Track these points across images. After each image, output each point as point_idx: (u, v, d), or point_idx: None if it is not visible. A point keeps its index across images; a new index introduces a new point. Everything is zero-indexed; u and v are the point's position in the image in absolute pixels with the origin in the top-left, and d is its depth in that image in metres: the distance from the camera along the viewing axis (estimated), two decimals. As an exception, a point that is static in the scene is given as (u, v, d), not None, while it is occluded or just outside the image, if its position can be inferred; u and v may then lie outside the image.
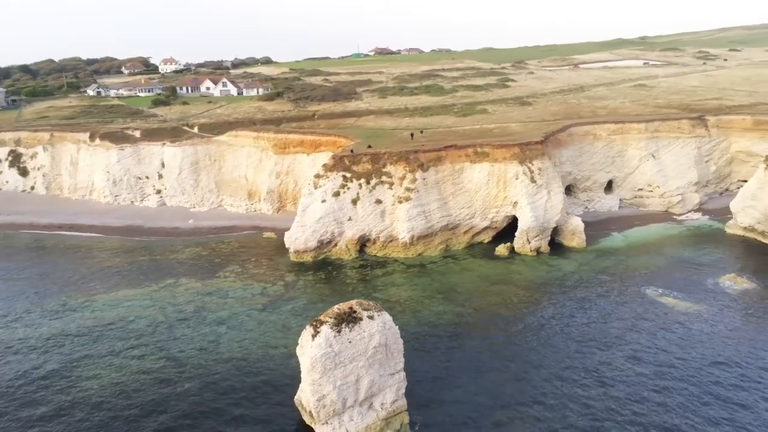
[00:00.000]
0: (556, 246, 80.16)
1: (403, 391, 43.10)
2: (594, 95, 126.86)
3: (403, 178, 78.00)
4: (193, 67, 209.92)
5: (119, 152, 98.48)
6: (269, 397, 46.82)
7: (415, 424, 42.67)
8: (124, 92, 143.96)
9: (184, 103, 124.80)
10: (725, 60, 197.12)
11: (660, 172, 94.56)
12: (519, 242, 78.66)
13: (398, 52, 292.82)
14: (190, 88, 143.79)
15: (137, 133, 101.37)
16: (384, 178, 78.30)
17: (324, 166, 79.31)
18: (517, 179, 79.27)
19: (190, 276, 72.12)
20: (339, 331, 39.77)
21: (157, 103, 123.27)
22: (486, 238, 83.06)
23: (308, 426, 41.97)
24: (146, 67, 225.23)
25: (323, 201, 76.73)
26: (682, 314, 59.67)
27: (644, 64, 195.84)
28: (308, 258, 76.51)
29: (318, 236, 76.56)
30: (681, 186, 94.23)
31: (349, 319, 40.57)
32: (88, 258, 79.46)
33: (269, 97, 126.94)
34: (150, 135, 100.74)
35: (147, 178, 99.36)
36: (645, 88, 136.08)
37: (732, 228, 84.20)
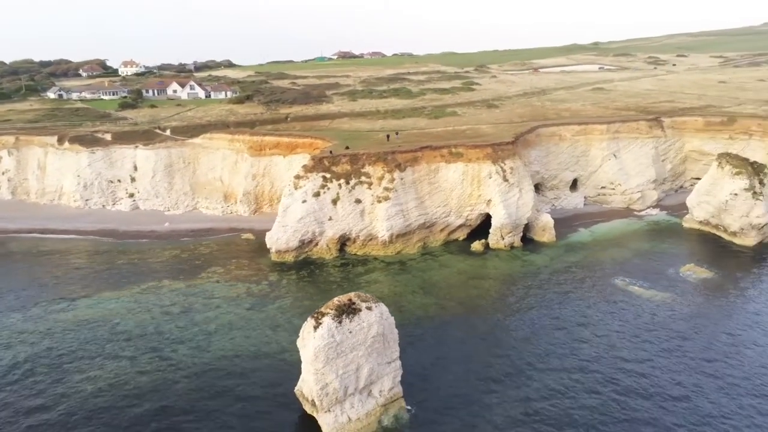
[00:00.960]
0: (528, 241, 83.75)
1: (399, 378, 45.19)
2: (556, 98, 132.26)
3: (381, 178, 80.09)
4: (156, 70, 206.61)
5: (90, 155, 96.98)
6: (267, 390, 48.06)
7: (410, 410, 44.73)
8: (87, 95, 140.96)
9: (152, 106, 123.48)
10: (674, 65, 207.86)
11: (621, 171, 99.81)
12: (493, 238, 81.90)
13: (361, 55, 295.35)
14: (156, 91, 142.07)
15: (108, 136, 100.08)
16: (363, 178, 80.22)
17: (304, 167, 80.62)
18: (490, 178, 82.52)
19: (172, 278, 72.19)
20: (340, 322, 41.51)
21: (124, 106, 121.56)
22: (461, 235, 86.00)
23: (310, 416, 43.57)
24: (104, 69, 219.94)
25: (304, 201, 78.04)
26: (649, 302, 63.92)
27: (599, 68, 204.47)
28: (290, 258, 77.65)
29: (299, 236, 77.80)
30: (641, 184, 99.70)
31: (348, 310, 42.35)
32: (64, 262, 78.23)
33: (239, 100, 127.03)
34: (122, 138, 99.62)
35: (119, 181, 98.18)
36: (603, 91, 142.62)
37: (688, 222, 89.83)
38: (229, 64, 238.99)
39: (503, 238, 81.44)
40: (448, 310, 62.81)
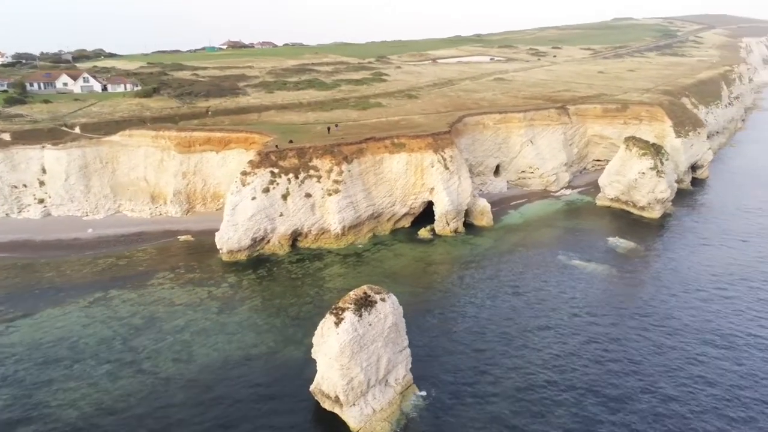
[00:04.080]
0: (468, 226, 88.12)
1: (410, 365, 46.53)
2: (466, 88, 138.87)
3: (330, 171, 79.84)
4: (26, 60, 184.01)
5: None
6: (271, 392, 47.02)
7: (425, 395, 46.19)
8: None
9: (46, 101, 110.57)
10: (555, 57, 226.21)
11: (538, 156, 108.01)
12: (439, 225, 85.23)
13: (252, 45, 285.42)
14: (42, 84, 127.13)
15: (6, 136, 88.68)
16: (312, 172, 79.43)
17: (250, 162, 77.94)
18: (432, 167, 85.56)
19: (118, 287, 66.80)
20: (360, 316, 41.91)
21: (11, 101, 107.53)
22: (406, 223, 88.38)
23: (326, 413, 43.51)
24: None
25: (253, 198, 75.64)
26: (592, 272, 70.98)
27: (490, 59, 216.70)
28: (242, 257, 75.11)
29: (251, 234, 75.45)
30: (555, 167, 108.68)
31: (366, 303, 42.80)
32: (-21, 281, 69.09)
33: (146, 94, 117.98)
34: (23, 137, 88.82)
35: (24, 186, 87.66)
36: (504, 81, 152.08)
37: (601, 200, 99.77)
38: (109, 55, 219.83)
39: (448, 224, 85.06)
40: (420, 296, 64.89)
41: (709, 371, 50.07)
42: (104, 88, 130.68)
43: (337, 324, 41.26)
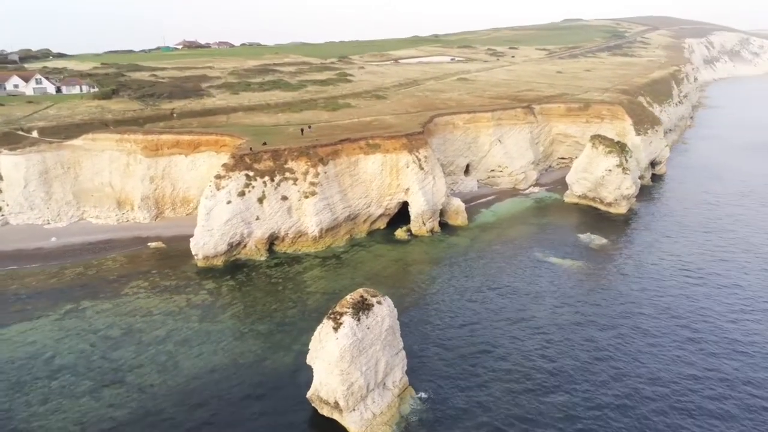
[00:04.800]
0: (443, 226, 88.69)
1: (405, 367, 46.40)
2: (432, 88, 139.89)
3: (306, 173, 78.89)
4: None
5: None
6: (266, 401, 46.04)
7: (422, 396, 46.15)
8: None
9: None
10: (513, 57, 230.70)
11: (506, 155, 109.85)
12: (416, 225, 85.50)
13: (208, 45, 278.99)
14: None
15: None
16: (287, 174, 78.29)
17: (224, 166, 76.13)
18: (407, 168, 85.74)
19: (90, 298, 64.07)
20: (358, 319, 41.55)
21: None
22: (381, 224, 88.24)
23: (324, 419, 42.94)
24: None
25: (229, 202, 73.91)
26: (569, 268, 72.62)
27: (451, 60, 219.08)
28: (219, 262, 73.34)
29: (227, 239, 73.76)
30: (523, 165, 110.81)
31: (363, 306, 42.47)
32: (-64, 296, 64.91)
33: (105, 96, 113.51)
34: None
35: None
36: (468, 81, 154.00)
37: (569, 197, 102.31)
38: (58, 55, 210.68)
39: (425, 224, 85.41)
40: (404, 297, 64.79)
41: (695, 356, 52.08)
42: (58, 90, 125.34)
43: (335, 329, 40.75)
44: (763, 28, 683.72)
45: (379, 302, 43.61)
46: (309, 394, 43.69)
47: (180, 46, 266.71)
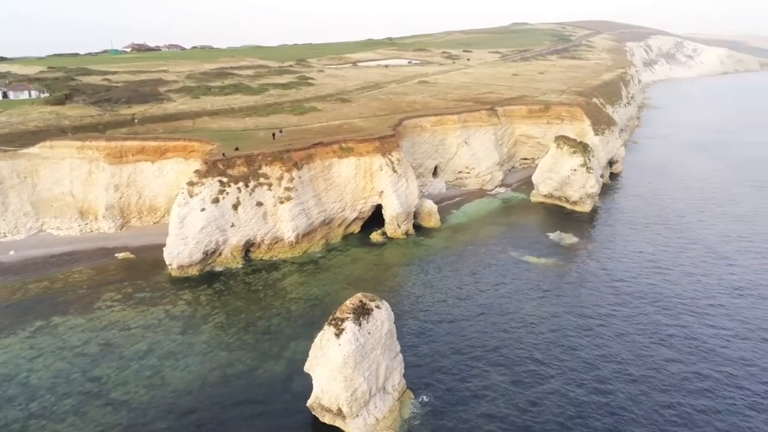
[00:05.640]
0: (416, 228, 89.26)
1: (403, 371, 46.41)
2: (395, 91, 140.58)
3: (280, 178, 77.79)
4: None
5: None
6: (263, 410, 45.07)
7: (422, 399, 46.21)
8: None
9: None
10: (468, 60, 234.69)
11: (473, 156, 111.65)
12: (391, 228, 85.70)
13: (158, 48, 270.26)
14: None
15: None
16: (262, 179, 76.98)
17: (197, 172, 74.10)
18: (381, 170, 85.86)
19: (61, 314, 61.05)
20: (360, 325, 41.31)
21: None
22: (356, 228, 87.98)
23: (326, 427, 42.45)
24: None
25: (203, 209, 72.00)
26: (545, 266, 74.43)
27: (408, 62, 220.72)
28: (194, 272, 71.33)
29: (202, 247, 71.84)
30: (489, 166, 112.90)
31: (363, 311, 42.26)
32: None
33: (58, 101, 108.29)
34: None
35: (-74, 207, 77.77)
36: (429, 84, 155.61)
37: (535, 196, 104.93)
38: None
39: (400, 227, 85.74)
40: (391, 300, 61.95)
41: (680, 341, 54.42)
42: (5, 95, 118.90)
43: (337, 335, 40.37)
44: (696, 32, 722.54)
45: (377, 306, 43.50)
46: (310, 403, 43.06)
47: (128, 49, 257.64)
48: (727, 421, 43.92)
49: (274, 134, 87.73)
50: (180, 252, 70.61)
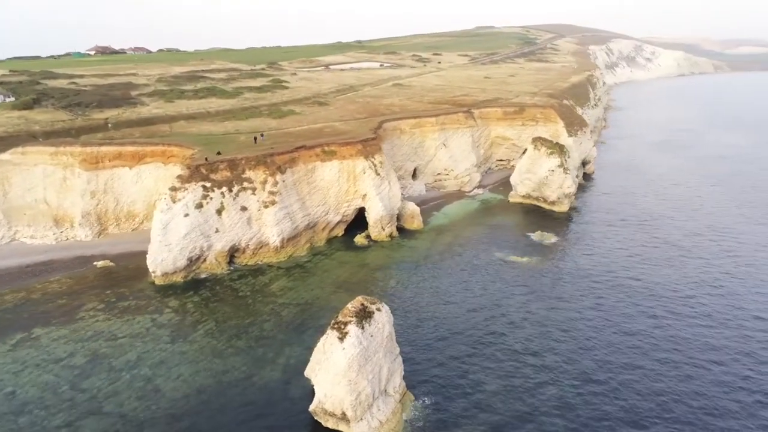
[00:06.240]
0: (400, 230, 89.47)
1: (403, 373, 46.56)
2: (371, 94, 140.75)
3: (264, 182, 77.05)
4: None
5: None
6: (264, 417, 44.59)
7: (423, 401, 46.43)
8: None
9: None
10: (439, 62, 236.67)
11: (451, 158, 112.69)
12: (375, 230, 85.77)
13: (123, 51, 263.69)
14: None
15: None
16: (245, 184, 76.11)
17: (179, 177, 72.77)
18: (364, 173, 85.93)
19: (43, 325, 59.09)
20: (362, 328, 41.33)
21: None
22: (339, 232, 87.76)
23: (331, 430, 42.29)
24: None
25: (186, 215, 70.73)
26: (529, 265, 75.70)
27: (380, 65, 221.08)
28: (178, 279, 69.99)
29: (187, 254, 70.57)
30: (467, 168, 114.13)
31: (365, 314, 42.29)
32: None
33: (26, 105, 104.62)
34: None
35: None
36: (404, 87, 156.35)
37: (513, 197, 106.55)
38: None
39: (384, 229, 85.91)
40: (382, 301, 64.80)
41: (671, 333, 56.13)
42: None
43: (341, 339, 40.28)
44: (653, 36, 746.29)
45: (378, 309, 43.59)
46: (312, 408, 42.78)
47: (92, 52, 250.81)
48: (701, 401, 45.63)
49: (255, 138, 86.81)
50: (164, 259, 69.18)
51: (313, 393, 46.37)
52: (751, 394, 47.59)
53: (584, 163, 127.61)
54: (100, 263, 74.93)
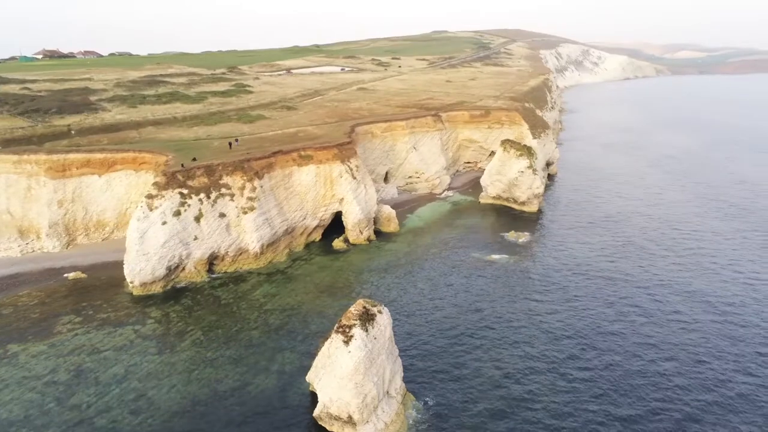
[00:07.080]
0: (377, 233, 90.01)
1: (403, 374, 47.01)
2: (337, 98, 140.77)
3: (242, 188, 76.11)
4: None
5: None
6: (264, 424, 44.14)
7: (425, 402, 46.97)
8: None
9: None
10: (400, 66, 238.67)
11: (422, 161, 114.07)
12: (353, 234, 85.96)
13: (72, 55, 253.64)
14: None
15: None
16: (223, 190, 74.97)
17: (155, 184, 71.00)
18: (341, 177, 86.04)
19: (18, 341, 56.55)
20: (366, 331, 41.59)
21: None
22: (317, 236, 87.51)
23: (335, 435, 42.32)
24: None
25: (164, 223, 69.11)
26: (507, 264, 77.56)
27: (341, 69, 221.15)
28: (158, 288, 68.24)
29: (166, 263, 68.91)
30: (438, 170, 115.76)
31: (368, 317, 42.56)
32: None
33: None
34: None
35: None
36: (368, 91, 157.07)
37: (484, 198, 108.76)
38: None
39: (362, 233, 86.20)
40: None
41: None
42: None
43: (346, 342, 40.42)
44: (597, 41, 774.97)
45: (380, 311, 43.93)
46: (317, 413, 42.66)
47: (40, 56, 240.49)
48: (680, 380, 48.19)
49: (230, 143, 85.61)
50: (142, 269, 67.34)
51: (311, 398, 46.44)
52: (715, 372, 50.43)
53: (548, 164, 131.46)
54: (71, 275, 72.26)
